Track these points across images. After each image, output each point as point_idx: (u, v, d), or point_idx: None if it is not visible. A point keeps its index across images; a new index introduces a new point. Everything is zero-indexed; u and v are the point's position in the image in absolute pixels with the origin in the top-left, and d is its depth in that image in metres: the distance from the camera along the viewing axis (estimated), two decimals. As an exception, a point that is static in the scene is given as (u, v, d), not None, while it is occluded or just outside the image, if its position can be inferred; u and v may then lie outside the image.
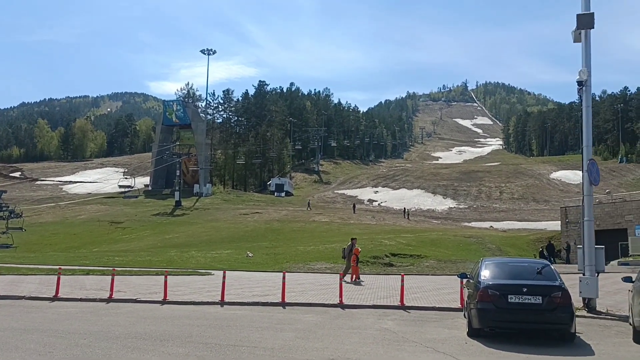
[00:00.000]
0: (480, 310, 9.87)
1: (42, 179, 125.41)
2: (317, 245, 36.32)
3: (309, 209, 76.64)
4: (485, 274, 10.53)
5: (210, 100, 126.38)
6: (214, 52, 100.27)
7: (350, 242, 21.85)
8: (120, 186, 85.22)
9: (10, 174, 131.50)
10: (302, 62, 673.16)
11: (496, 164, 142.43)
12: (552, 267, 10.85)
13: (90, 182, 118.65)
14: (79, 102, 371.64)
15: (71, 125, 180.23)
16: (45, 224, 66.82)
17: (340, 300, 14.42)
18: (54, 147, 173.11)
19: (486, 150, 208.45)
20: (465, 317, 11.40)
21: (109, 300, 14.90)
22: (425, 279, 22.38)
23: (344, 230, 52.78)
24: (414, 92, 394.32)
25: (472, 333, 10.27)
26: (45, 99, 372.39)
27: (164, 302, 14.64)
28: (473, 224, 74.28)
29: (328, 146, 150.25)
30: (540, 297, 9.70)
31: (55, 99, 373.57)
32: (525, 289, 9.76)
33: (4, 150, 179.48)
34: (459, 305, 13.87)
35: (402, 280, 14.74)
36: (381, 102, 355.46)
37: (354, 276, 20.39)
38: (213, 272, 23.38)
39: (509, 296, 9.75)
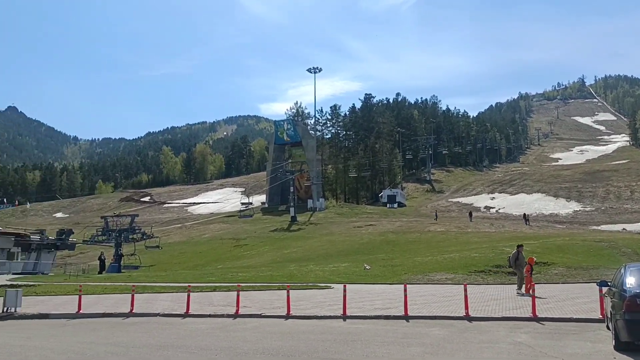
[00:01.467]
0: (628, 322, 8.84)
1: (168, 202, 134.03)
2: (435, 255, 35.16)
3: (436, 219, 74.83)
4: (631, 281, 9.45)
5: (319, 117, 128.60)
6: (320, 70, 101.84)
7: (515, 250, 20.12)
8: (242, 203, 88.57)
9: (141, 199, 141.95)
10: (407, 72, 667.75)
11: (624, 161, 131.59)
12: None
13: (212, 202, 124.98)
14: (198, 128, 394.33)
15: (192, 150, 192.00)
16: (174, 243, 70.98)
17: (467, 312, 13.72)
18: (177, 172, 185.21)
19: (611, 147, 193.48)
20: (608, 329, 10.35)
21: (236, 315, 15.25)
22: (556, 288, 20.76)
23: (461, 240, 50.97)
24: (526, 93, 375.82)
25: (620, 347, 9.22)
26: (168, 127, 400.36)
27: (287, 316, 14.74)
28: (603, 227, 68.82)
29: (439, 154, 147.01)
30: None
31: (177, 126, 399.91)
32: (679, 297, 8.66)
33: (134, 177, 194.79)
34: (599, 316, 12.65)
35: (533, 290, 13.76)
36: (491, 105, 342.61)
37: (528, 287, 18.34)
38: (332, 285, 23.32)
39: (661, 305, 8.68)
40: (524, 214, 78.06)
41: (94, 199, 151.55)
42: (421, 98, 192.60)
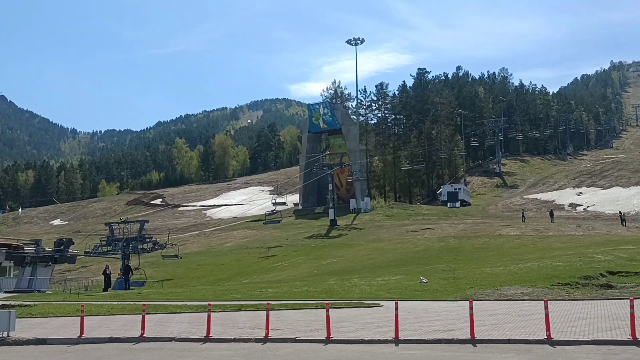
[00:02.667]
0: None
1: (184, 204, 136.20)
2: (508, 265, 34.78)
3: (523, 220, 74.01)
4: None
5: (362, 99, 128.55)
6: (362, 42, 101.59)
7: None
8: (273, 204, 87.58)
9: (152, 202, 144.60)
10: (468, 40, 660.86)
11: None
12: None
13: (235, 204, 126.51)
14: (217, 115, 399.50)
15: (210, 143, 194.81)
16: (191, 254, 72.25)
17: (548, 335, 13.50)
18: (193, 168, 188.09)
19: None
20: None
21: (266, 340, 15.35)
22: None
23: (540, 245, 50.40)
24: (620, 62, 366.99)
25: None
26: (181, 115, 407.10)
27: (327, 340, 14.77)
28: None
29: (511, 140, 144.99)
30: None
31: (192, 114, 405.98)
32: None
33: (143, 175, 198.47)
34: None
35: (632, 307, 13.41)
36: (576, 78, 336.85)
37: None
38: (381, 302, 23.32)
39: None
40: (620, 213, 76.56)
41: (96, 203, 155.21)
42: (487, 72, 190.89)
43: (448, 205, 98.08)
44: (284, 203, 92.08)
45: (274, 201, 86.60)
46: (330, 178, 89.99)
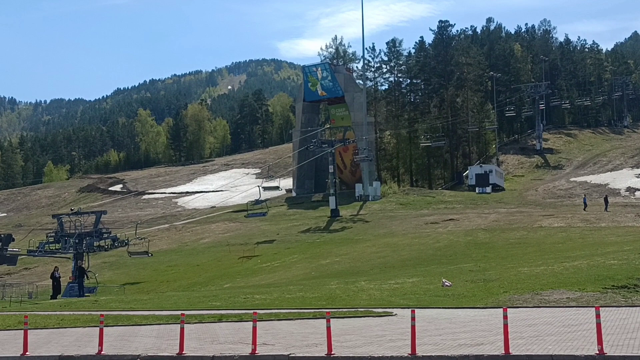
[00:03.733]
0: None
1: (149, 191, 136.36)
2: (550, 264, 34.76)
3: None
4: None
5: (370, 59, 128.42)
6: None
7: None
8: (263, 189, 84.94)
9: (110, 188, 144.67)
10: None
11: None
12: None
13: (214, 191, 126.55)
14: (189, 80, 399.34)
15: (181, 115, 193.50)
16: (159, 252, 72.11)
17: (601, 350, 13.50)
18: (161, 146, 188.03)
19: None
20: None
21: (252, 357, 15.34)
22: None
23: (591, 239, 50.39)
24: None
25: None
26: (145, 81, 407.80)
27: (328, 358, 14.78)
28: None
29: (554, 110, 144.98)
30: None
31: (158, 79, 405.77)
32: None
33: (99, 155, 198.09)
34: None
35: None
36: (635, 32, 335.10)
37: None
38: (394, 311, 23.32)
39: None
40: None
41: (41, 190, 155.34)
42: (525, 25, 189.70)
43: (476, 191, 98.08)
44: (277, 188, 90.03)
45: (262, 186, 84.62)
46: (331, 158, 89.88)
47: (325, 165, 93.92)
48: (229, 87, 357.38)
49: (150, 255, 63.92)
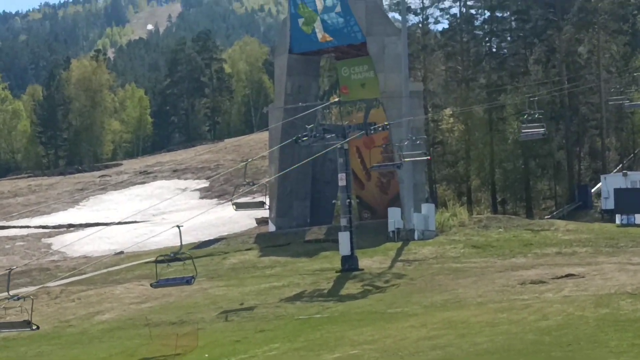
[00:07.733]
0: None
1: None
2: None
3: None
4: None
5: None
6: None
7: None
8: (237, 206, 54.63)
9: None
10: None
11: None
12: None
13: (120, 222, 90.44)
14: (74, 14, 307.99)
15: (59, 79, 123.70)
16: (17, 340, 50.54)
17: None
18: (21, 139, 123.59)
19: None
20: None
21: None
22: None
23: None
24: None
25: None
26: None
27: None
28: None
29: None
30: None
31: (15, 13, 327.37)
32: None
33: None
34: None
35: None
36: None
37: None
38: None
39: None
40: None
41: None
42: None
43: (618, 221, 72.66)
44: (262, 204, 56.22)
45: (234, 202, 50.15)
46: (342, 159, 58.36)
47: (329, 174, 64.71)
48: (149, 26, 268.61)
49: (35, 328, 41.34)
